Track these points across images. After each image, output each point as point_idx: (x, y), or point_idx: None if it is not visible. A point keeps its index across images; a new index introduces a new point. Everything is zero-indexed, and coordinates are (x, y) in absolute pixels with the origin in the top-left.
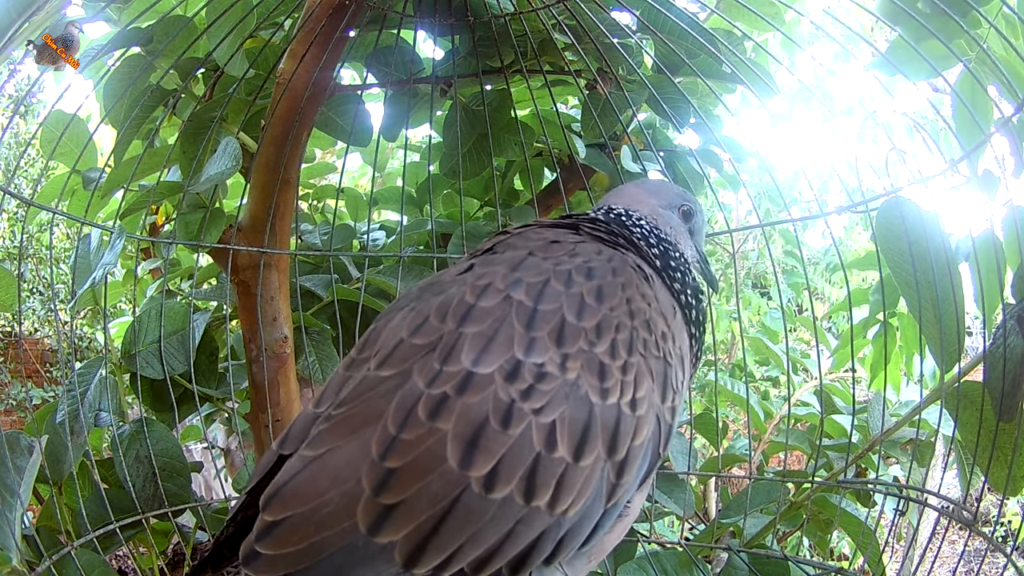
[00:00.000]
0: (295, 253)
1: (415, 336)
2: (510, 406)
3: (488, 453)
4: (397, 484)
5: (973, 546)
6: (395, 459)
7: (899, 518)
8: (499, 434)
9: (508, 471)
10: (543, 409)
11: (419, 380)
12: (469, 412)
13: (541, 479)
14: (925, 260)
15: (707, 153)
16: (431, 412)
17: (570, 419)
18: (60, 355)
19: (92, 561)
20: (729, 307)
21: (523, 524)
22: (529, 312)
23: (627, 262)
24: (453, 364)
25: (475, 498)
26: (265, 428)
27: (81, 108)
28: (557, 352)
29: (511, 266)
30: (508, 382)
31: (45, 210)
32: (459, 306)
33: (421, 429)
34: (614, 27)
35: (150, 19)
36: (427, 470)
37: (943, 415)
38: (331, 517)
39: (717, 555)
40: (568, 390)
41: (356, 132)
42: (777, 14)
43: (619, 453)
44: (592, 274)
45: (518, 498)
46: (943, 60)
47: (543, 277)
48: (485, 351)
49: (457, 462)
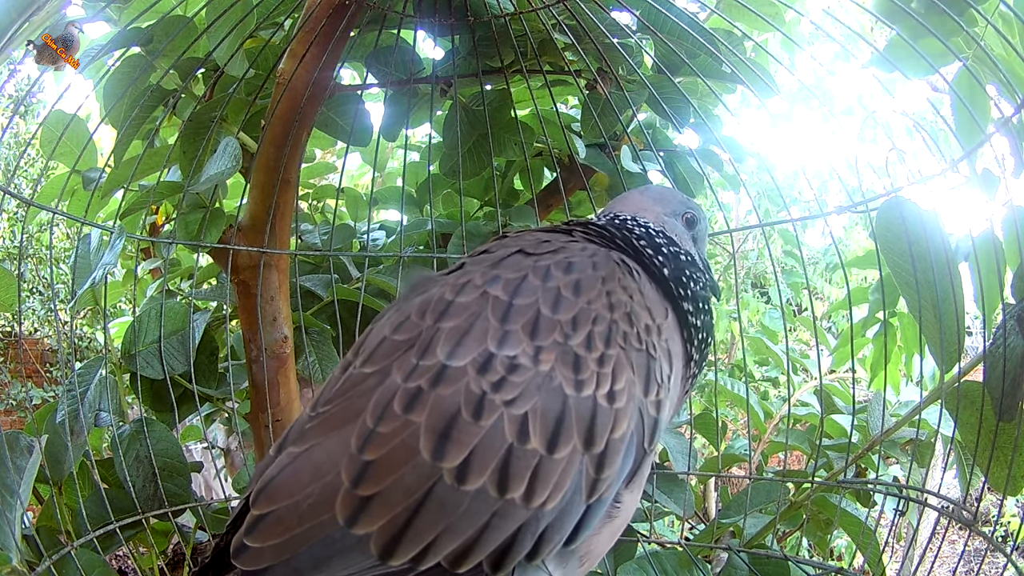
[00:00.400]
0: (295, 253)
1: (396, 333)
2: (481, 398)
3: (460, 444)
4: (373, 476)
5: (973, 546)
6: (372, 452)
7: (899, 518)
8: (471, 425)
9: (480, 463)
10: (515, 401)
11: (397, 375)
12: (442, 404)
13: (514, 471)
14: (925, 260)
15: (707, 153)
16: (406, 405)
17: (543, 410)
18: (60, 355)
19: (92, 561)
20: (729, 307)
21: (499, 517)
22: (504, 306)
23: (611, 257)
24: (429, 358)
25: (448, 490)
26: (265, 428)
27: (81, 108)
28: (531, 344)
29: (492, 264)
30: (480, 374)
31: (45, 210)
32: (438, 303)
33: (397, 422)
34: (614, 27)
35: (150, 19)
36: (402, 462)
37: (943, 415)
38: (312, 509)
39: (717, 555)
40: (541, 381)
41: (356, 132)
42: (777, 14)
43: (597, 446)
44: (571, 268)
45: (492, 490)
46: (941, 58)
47: (521, 273)
48: (459, 345)
49: (430, 454)
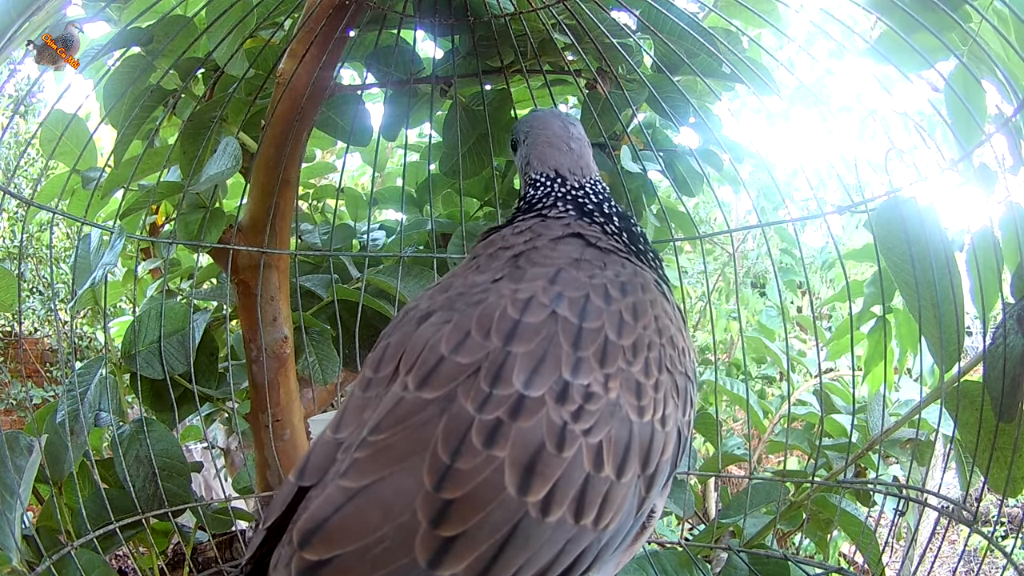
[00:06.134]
0: (295, 253)
1: (458, 354)
2: (563, 428)
3: (544, 478)
4: (456, 515)
5: (973, 546)
6: (452, 490)
7: (899, 518)
8: (554, 458)
9: (562, 493)
10: (591, 430)
11: (467, 404)
12: (525, 437)
13: (589, 498)
14: (925, 260)
15: (707, 153)
16: (486, 439)
17: (615, 438)
18: (60, 355)
19: (92, 561)
20: (728, 307)
21: (572, 543)
22: (575, 330)
23: (650, 279)
24: (504, 387)
25: (532, 523)
26: (265, 428)
27: (81, 108)
28: (600, 372)
29: (549, 278)
30: (559, 404)
31: (45, 210)
32: (502, 321)
33: (478, 457)
34: (614, 27)
35: (150, 19)
36: (487, 499)
37: (943, 415)
38: (387, 554)
39: (717, 555)
40: (612, 410)
41: (356, 132)
42: (773, 11)
43: (651, 468)
44: (625, 290)
45: (569, 518)
46: (935, 52)
47: (583, 292)
48: (535, 372)
49: (516, 488)
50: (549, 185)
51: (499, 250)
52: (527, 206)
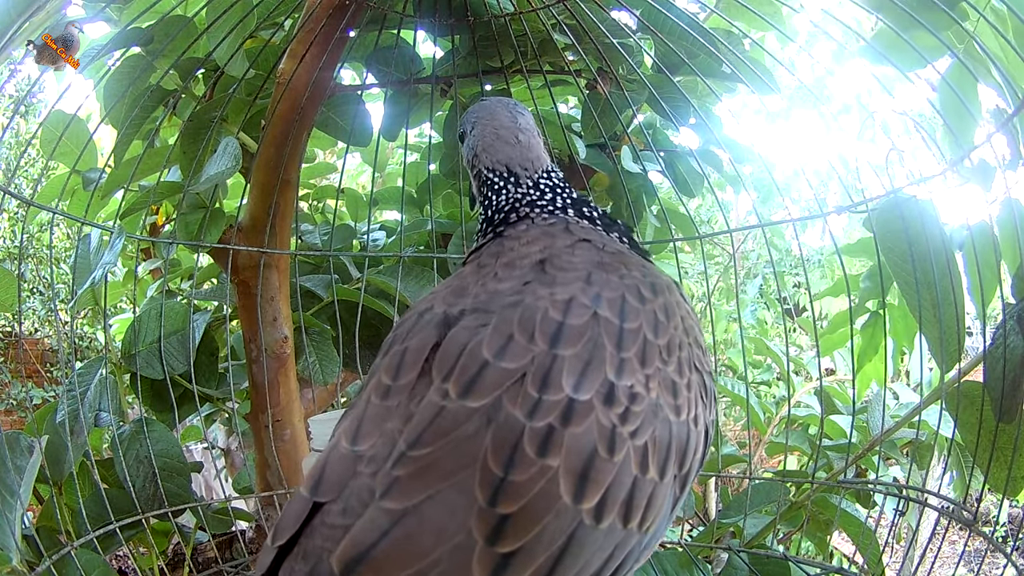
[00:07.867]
0: (295, 253)
1: (503, 359)
2: (612, 431)
3: (597, 484)
4: (513, 530)
5: (973, 546)
6: (507, 504)
7: (899, 518)
8: (606, 462)
9: (613, 498)
10: (637, 432)
11: (516, 411)
12: (578, 443)
13: (636, 501)
14: (925, 260)
15: (707, 153)
16: (539, 447)
17: (658, 439)
18: (60, 355)
19: (92, 561)
20: (729, 307)
21: (620, 548)
22: (618, 331)
23: (667, 279)
24: (553, 392)
25: (586, 530)
26: (265, 428)
27: (81, 108)
28: (642, 373)
29: (584, 279)
30: (607, 407)
31: (45, 210)
32: (545, 323)
33: (532, 467)
34: (614, 27)
35: (150, 19)
36: (544, 511)
37: (943, 416)
38: None
39: (717, 555)
40: (654, 410)
41: (356, 132)
42: (776, 12)
43: (685, 467)
44: (655, 289)
45: (619, 523)
46: (933, 52)
47: (619, 292)
48: (583, 375)
49: (571, 497)
50: (506, 188)
51: (516, 259)
52: (498, 216)
